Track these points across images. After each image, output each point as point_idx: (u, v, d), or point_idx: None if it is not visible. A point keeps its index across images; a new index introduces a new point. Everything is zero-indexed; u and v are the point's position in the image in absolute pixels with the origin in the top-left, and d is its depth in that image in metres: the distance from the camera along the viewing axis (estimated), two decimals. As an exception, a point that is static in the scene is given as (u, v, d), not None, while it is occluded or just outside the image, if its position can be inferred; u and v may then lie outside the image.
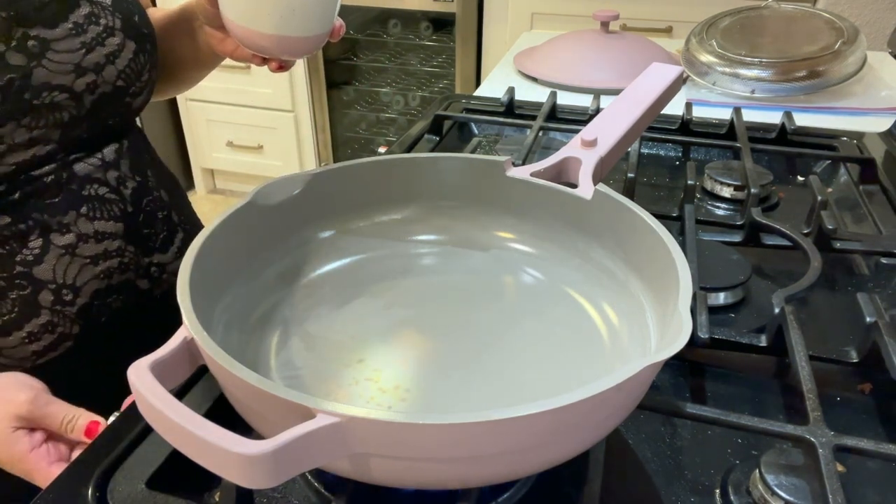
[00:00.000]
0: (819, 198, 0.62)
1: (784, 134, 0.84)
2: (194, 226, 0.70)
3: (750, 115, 0.87)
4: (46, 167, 0.53)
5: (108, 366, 0.56)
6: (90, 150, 0.56)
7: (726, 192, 0.74)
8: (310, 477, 0.40)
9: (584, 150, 0.51)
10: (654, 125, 0.82)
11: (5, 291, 0.53)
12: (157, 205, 0.63)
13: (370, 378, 0.42)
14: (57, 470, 0.45)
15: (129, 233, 0.59)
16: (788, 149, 0.82)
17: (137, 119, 0.65)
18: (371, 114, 2.42)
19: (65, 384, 0.55)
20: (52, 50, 0.51)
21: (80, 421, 0.47)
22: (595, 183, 0.48)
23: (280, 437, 0.28)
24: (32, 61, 0.50)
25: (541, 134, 0.84)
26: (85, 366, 0.58)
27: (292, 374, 0.42)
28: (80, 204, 0.55)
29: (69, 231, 0.55)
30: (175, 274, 0.66)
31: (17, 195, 0.52)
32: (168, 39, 0.67)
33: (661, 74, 0.60)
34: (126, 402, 0.47)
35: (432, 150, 0.83)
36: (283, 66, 0.60)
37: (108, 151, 0.58)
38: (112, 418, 0.45)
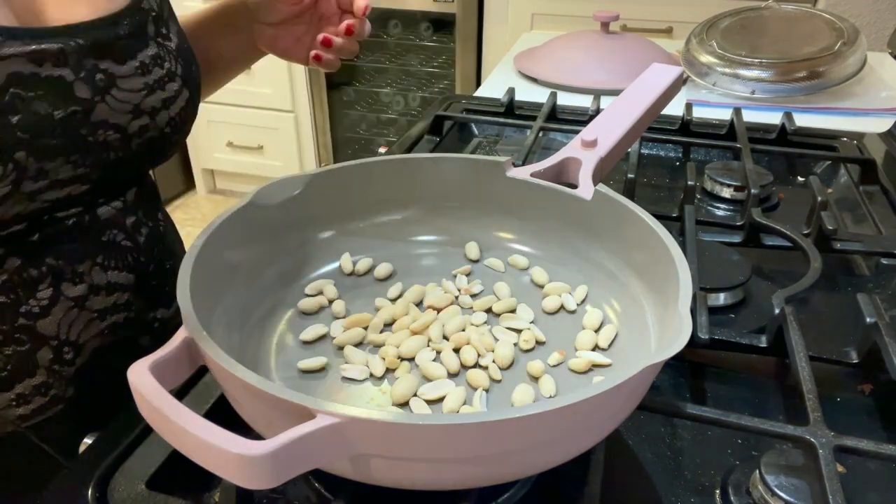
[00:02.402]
0: (819, 198, 0.62)
1: (784, 134, 0.84)
2: None
3: (750, 116, 0.87)
4: (73, 209, 0.49)
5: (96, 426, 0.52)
6: (117, 192, 0.53)
7: (726, 193, 0.74)
8: (310, 477, 0.40)
9: (584, 151, 0.51)
10: (654, 126, 0.82)
11: (0, 346, 0.48)
12: (166, 254, 0.59)
13: (370, 379, 0.42)
14: None
15: (139, 285, 0.55)
16: (788, 149, 0.82)
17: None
18: (371, 114, 2.42)
19: (52, 447, 0.53)
20: (117, 87, 0.48)
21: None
22: (595, 183, 0.48)
23: (280, 437, 0.28)
24: (97, 95, 0.47)
25: (541, 134, 0.84)
26: (72, 431, 0.52)
27: (292, 374, 0.42)
28: (98, 252, 0.51)
29: (82, 281, 0.50)
30: (175, 330, 0.63)
31: (35, 237, 0.48)
32: (206, 38, 0.65)
33: (661, 75, 0.60)
34: None
35: (432, 151, 0.83)
36: (321, 59, 0.60)
37: (130, 194, 0.54)
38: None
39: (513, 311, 0.47)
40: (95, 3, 0.48)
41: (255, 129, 2.41)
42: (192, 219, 2.54)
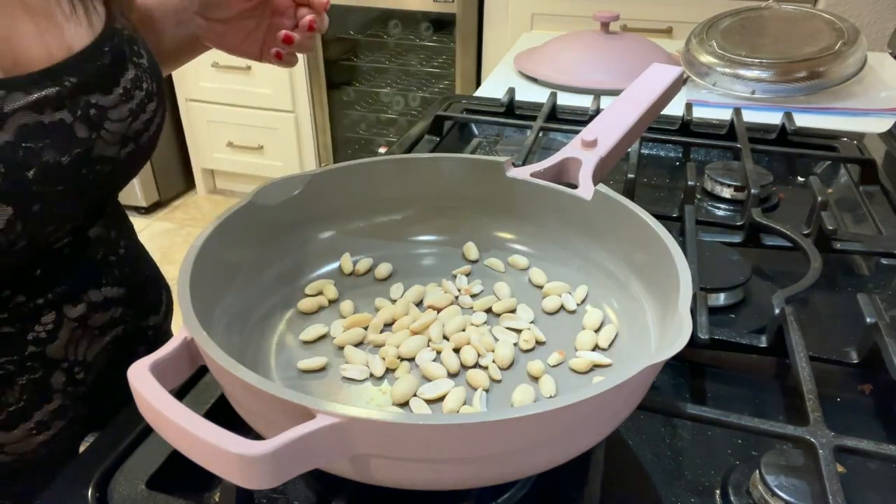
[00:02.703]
0: (819, 198, 0.62)
1: (784, 134, 0.84)
2: (168, 281, 0.66)
3: (750, 116, 0.87)
4: (66, 239, 0.49)
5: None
6: (101, 213, 0.53)
7: (726, 193, 0.74)
8: (310, 477, 0.40)
9: (584, 151, 0.51)
10: (654, 126, 0.82)
11: (13, 378, 0.48)
12: (143, 264, 0.60)
13: (370, 379, 0.42)
14: None
15: (129, 296, 0.56)
16: (789, 149, 0.82)
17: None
18: (371, 114, 2.42)
19: (57, 466, 0.52)
20: (108, 119, 0.47)
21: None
22: (595, 183, 0.48)
23: (280, 437, 0.27)
24: (93, 132, 0.46)
25: (541, 134, 0.84)
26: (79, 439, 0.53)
27: (292, 374, 0.42)
28: (91, 271, 0.52)
29: (81, 301, 0.51)
30: (167, 334, 0.63)
31: (37, 272, 0.48)
32: (148, 34, 0.61)
33: (661, 75, 0.60)
34: None
35: (432, 151, 0.83)
36: (282, 57, 0.56)
37: (109, 210, 0.54)
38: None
39: (513, 311, 0.47)
40: (68, 35, 0.46)
41: (255, 129, 2.41)
42: (192, 219, 2.54)
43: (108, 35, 0.49)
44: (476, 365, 0.43)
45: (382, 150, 2.06)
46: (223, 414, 0.36)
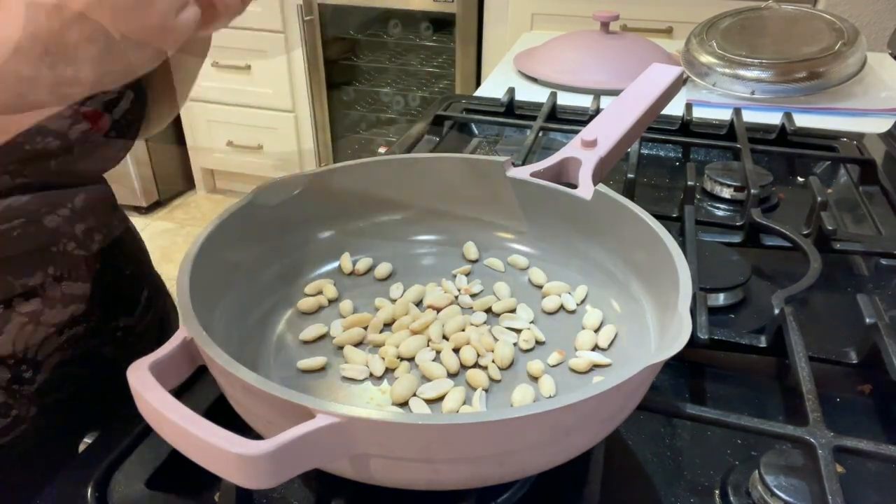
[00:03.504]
0: (819, 199, 0.62)
1: (784, 135, 0.84)
2: (155, 277, 0.63)
3: (750, 116, 0.87)
4: (16, 221, 0.46)
5: (66, 446, 0.52)
6: (62, 200, 0.49)
7: (726, 193, 0.74)
8: (310, 477, 0.40)
9: (584, 151, 0.51)
10: (654, 126, 0.82)
11: None
12: (124, 259, 0.57)
13: (370, 378, 0.42)
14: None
15: (96, 293, 0.52)
16: (788, 150, 0.82)
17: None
18: (371, 114, 2.42)
19: (18, 469, 0.51)
20: None
21: None
22: (595, 183, 0.48)
23: (280, 437, 0.28)
24: None
25: (541, 134, 0.84)
26: (41, 448, 0.52)
27: (292, 374, 0.42)
28: (48, 263, 0.49)
29: (35, 295, 0.48)
30: (141, 337, 0.59)
31: None
32: None
33: (660, 75, 0.60)
34: None
35: (432, 151, 0.83)
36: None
37: (78, 200, 0.50)
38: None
39: (513, 311, 0.47)
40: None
41: (254, 128, 2.41)
42: (192, 219, 2.54)
43: None
44: (476, 365, 0.43)
45: (382, 149, 2.06)
46: (223, 414, 0.36)
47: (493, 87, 1.14)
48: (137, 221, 2.45)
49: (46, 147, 0.45)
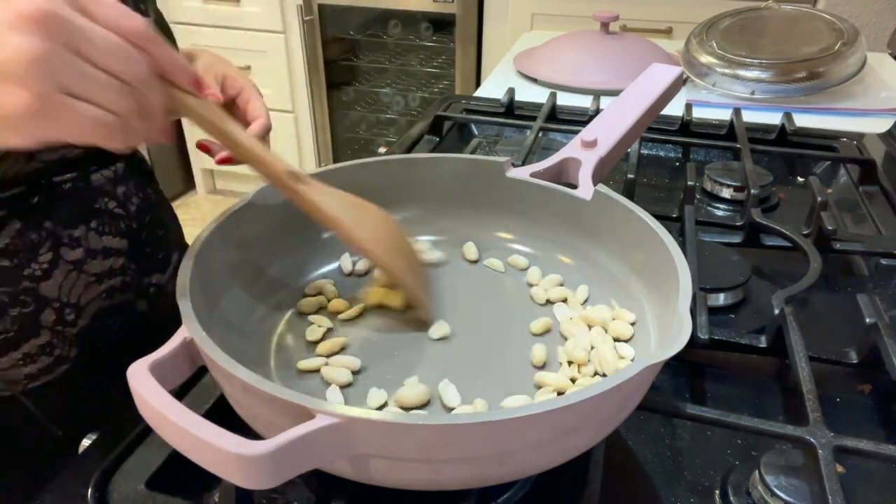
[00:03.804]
0: (819, 199, 0.62)
1: (784, 135, 0.84)
2: (185, 247, 0.67)
3: (750, 116, 0.87)
4: (68, 174, 0.52)
5: (101, 392, 0.54)
6: (106, 162, 0.55)
7: (726, 193, 0.74)
8: (310, 477, 0.40)
9: (583, 151, 0.51)
10: (653, 126, 0.82)
11: (6, 307, 0.50)
12: (157, 223, 0.61)
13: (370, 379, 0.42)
14: None
15: (132, 250, 0.57)
16: (788, 150, 0.82)
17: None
18: (371, 114, 2.42)
19: (57, 409, 0.55)
20: None
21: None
22: (595, 184, 0.48)
23: (279, 437, 0.28)
24: None
25: (541, 134, 0.84)
26: (78, 391, 0.56)
27: (292, 374, 0.42)
28: (91, 217, 0.54)
29: (79, 245, 0.53)
30: (172, 295, 0.62)
31: (34, 200, 0.50)
32: None
33: (660, 75, 0.60)
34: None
35: (432, 151, 0.83)
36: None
37: (120, 166, 0.56)
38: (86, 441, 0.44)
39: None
40: None
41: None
42: (192, 219, 2.54)
43: None
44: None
45: (382, 150, 2.07)
46: (223, 414, 0.36)
47: (492, 88, 1.14)
48: (137, 222, 2.45)
49: None
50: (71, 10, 0.32)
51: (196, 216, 2.55)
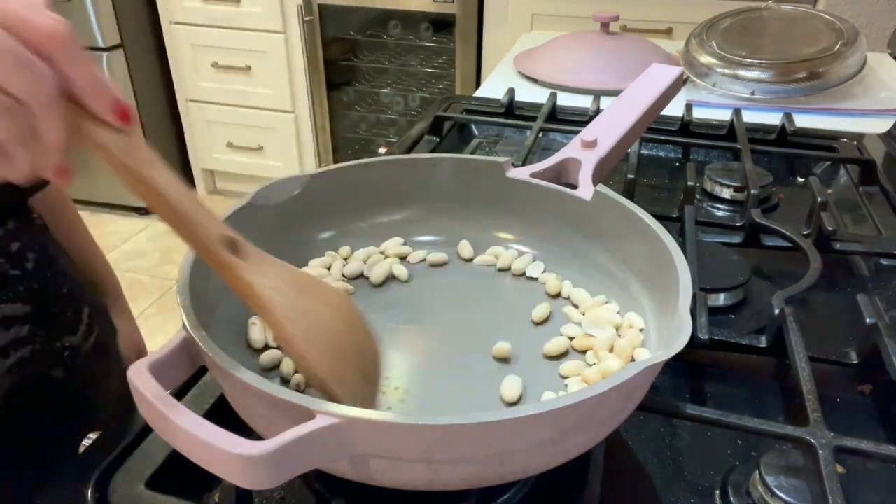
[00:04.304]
0: (819, 199, 0.62)
1: (784, 135, 0.84)
2: (96, 299, 0.61)
3: (750, 117, 0.87)
4: None
5: (41, 474, 0.50)
6: None
7: (726, 194, 0.74)
8: (310, 477, 0.40)
9: (583, 151, 0.51)
10: (653, 126, 0.82)
11: None
12: (59, 278, 0.55)
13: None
14: None
15: (37, 314, 0.51)
16: (788, 150, 0.82)
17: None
18: (371, 115, 2.42)
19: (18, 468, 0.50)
20: None
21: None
22: (595, 184, 0.48)
23: (279, 437, 0.27)
24: None
25: (541, 135, 0.84)
26: (4, 482, 0.51)
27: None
28: None
29: None
30: (87, 358, 0.56)
31: None
32: None
33: (660, 75, 0.60)
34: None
35: (432, 151, 0.83)
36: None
37: (11, 222, 0.50)
38: None
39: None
40: None
41: (254, 129, 2.41)
42: (191, 219, 2.53)
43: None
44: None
45: (382, 150, 2.07)
46: (223, 414, 0.36)
47: (492, 88, 1.14)
48: (138, 223, 2.46)
49: None
50: None
51: (196, 216, 2.55)
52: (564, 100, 0.93)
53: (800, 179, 0.81)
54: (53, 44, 0.26)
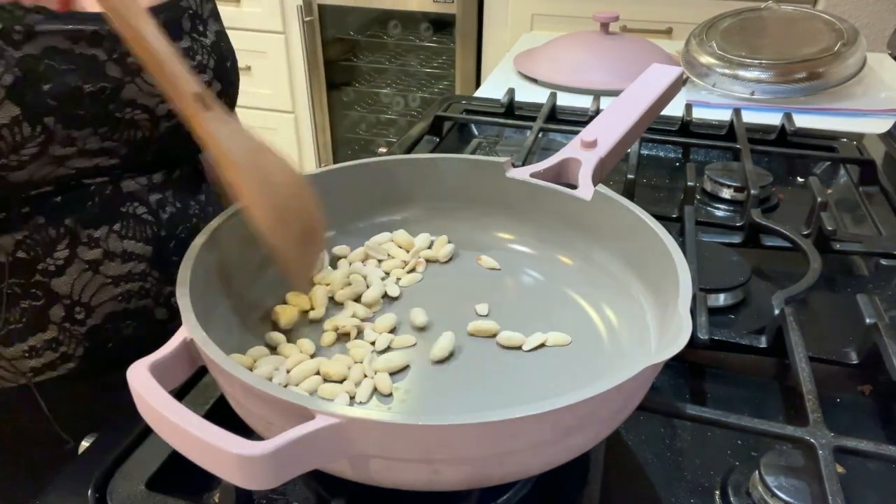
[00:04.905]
0: (819, 199, 0.62)
1: (784, 135, 0.84)
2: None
3: (750, 117, 0.87)
4: (99, 178, 0.51)
5: (106, 395, 0.52)
6: (144, 171, 0.55)
7: (726, 194, 0.74)
8: (309, 478, 0.40)
9: (583, 151, 0.51)
10: (653, 126, 0.82)
11: (17, 299, 0.51)
12: (192, 234, 0.57)
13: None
14: None
15: (157, 257, 0.56)
16: (788, 150, 0.82)
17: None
18: (371, 115, 2.42)
19: (63, 405, 0.54)
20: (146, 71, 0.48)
21: None
22: (595, 184, 0.48)
23: (279, 438, 0.28)
24: (127, 76, 0.49)
25: (541, 135, 0.84)
26: (84, 390, 0.55)
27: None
28: (115, 220, 0.53)
29: (97, 246, 0.52)
30: None
31: (59, 198, 0.50)
32: None
33: (660, 75, 0.60)
34: None
35: (432, 151, 0.83)
36: None
37: (158, 175, 0.56)
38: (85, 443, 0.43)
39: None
40: None
41: (255, 129, 2.41)
42: (191, 219, 2.54)
43: (169, 6, 0.52)
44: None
45: (382, 150, 2.06)
46: (223, 414, 0.36)
47: (492, 88, 1.14)
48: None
49: (135, 118, 0.50)
50: None
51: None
52: (564, 100, 0.93)
53: (800, 179, 0.81)
54: None
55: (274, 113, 2.36)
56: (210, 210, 0.62)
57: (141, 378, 0.31)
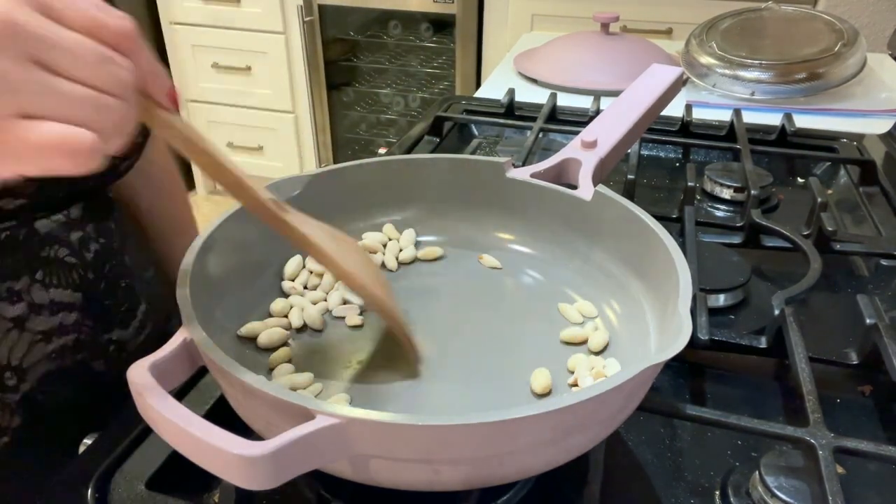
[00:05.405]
0: (819, 199, 0.62)
1: (784, 136, 0.84)
2: (157, 295, 0.59)
3: (750, 117, 0.87)
4: (5, 223, 0.45)
5: (50, 467, 0.49)
6: (56, 207, 0.48)
7: (726, 194, 0.74)
8: (310, 477, 0.40)
9: (584, 152, 0.51)
10: (653, 127, 0.82)
11: None
12: (120, 271, 0.54)
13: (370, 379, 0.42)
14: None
15: (88, 304, 0.50)
16: (788, 150, 0.82)
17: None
18: (371, 115, 2.42)
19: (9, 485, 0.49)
20: None
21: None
22: (595, 184, 0.48)
23: (279, 438, 0.27)
24: None
25: (541, 135, 0.84)
26: (23, 461, 0.50)
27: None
28: (37, 268, 0.47)
29: (20, 300, 0.46)
30: (134, 353, 0.54)
31: None
32: None
33: (660, 76, 0.60)
34: None
35: (432, 152, 0.83)
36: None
37: (75, 209, 0.50)
38: None
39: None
40: None
41: (254, 129, 2.41)
42: (191, 219, 2.54)
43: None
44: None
45: (382, 150, 2.06)
46: (223, 414, 0.36)
47: (493, 88, 1.14)
48: (137, 222, 2.46)
49: None
50: (29, 11, 0.26)
51: (196, 216, 2.55)
52: (564, 100, 0.93)
53: (800, 180, 0.81)
54: (125, 39, 0.29)
55: (274, 113, 2.36)
56: (130, 237, 0.57)
57: (141, 378, 0.31)
